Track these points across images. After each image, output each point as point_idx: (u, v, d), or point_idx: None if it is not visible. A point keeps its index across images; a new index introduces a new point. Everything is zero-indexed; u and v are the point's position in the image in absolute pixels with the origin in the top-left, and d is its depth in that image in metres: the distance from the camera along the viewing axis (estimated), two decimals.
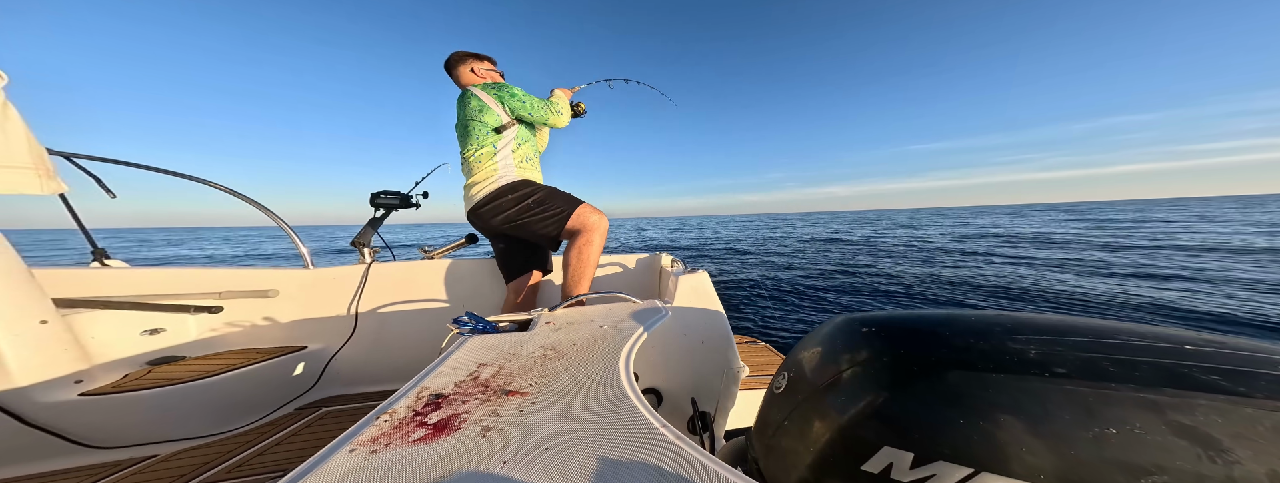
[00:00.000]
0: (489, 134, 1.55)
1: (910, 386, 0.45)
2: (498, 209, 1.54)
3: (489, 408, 0.58)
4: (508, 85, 1.61)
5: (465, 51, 1.70)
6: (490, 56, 1.74)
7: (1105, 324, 0.49)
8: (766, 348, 2.26)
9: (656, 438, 0.49)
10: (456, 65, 1.68)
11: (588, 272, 1.51)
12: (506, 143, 1.58)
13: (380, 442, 0.50)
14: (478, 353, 0.81)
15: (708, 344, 1.15)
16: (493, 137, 1.56)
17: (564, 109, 1.71)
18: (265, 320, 1.68)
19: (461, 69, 1.68)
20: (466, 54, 1.69)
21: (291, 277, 1.72)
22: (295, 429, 1.40)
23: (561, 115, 1.70)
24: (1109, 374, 0.40)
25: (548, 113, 1.64)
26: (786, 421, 0.55)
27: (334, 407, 1.58)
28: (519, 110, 1.58)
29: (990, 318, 0.52)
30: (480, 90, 1.57)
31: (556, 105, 1.68)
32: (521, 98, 1.58)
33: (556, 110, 1.67)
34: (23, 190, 1.05)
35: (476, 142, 1.56)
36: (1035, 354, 0.44)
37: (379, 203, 1.92)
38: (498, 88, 1.58)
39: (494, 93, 1.56)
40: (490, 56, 1.74)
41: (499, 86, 1.59)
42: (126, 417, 1.21)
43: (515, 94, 1.58)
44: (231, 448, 1.27)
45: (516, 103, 1.57)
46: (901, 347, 0.50)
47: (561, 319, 1.03)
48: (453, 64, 1.69)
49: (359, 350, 1.72)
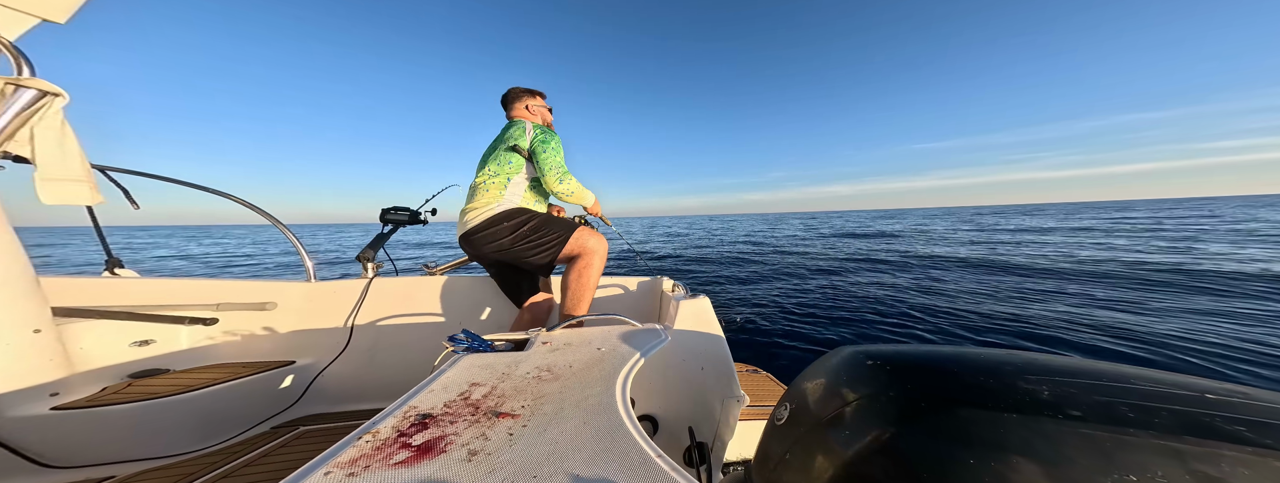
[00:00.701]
0: (512, 159, 1.57)
1: (918, 422, 0.44)
2: (490, 237, 1.52)
3: (478, 430, 0.56)
4: (554, 135, 1.63)
5: (520, 88, 1.77)
6: (542, 92, 1.83)
7: (1119, 369, 0.48)
8: (768, 377, 2.18)
9: (651, 469, 0.47)
10: (512, 102, 1.76)
11: (587, 294, 1.49)
12: (520, 179, 1.59)
13: (359, 464, 0.48)
14: (470, 372, 0.79)
15: (707, 371, 1.12)
16: (516, 162, 1.57)
17: (574, 188, 1.60)
18: (260, 333, 1.66)
19: (517, 106, 1.75)
20: (522, 91, 1.77)
21: (292, 289, 1.71)
22: (268, 450, 1.33)
23: (562, 182, 1.57)
24: (1127, 419, 0.39)
25: (554, 171, 1.56)
26: (788, 454, 0.53)
27: (313, 426, 1.52)
28: (538, 150, 1.56)
29: (1000, 357, 0.51)
30: (531, 126, 1.62)
31: (571, 180, 1.58)
32: (552, 148, 1.57)
33: (570, 190, 1.59)
34: (78, 201, 1.10)
35: (497, 165, 1.57)
36: (1048, 395, 0.43)
37: (388, 218, 1.95)
38: (545, 133, 1.61)
39: (538, 132, 1.60)
40: (542, 92, 1.83)
41: (547, 133, 1.61)
42: (95, 433, 1.16)
43: (547, 143, 1.57)
44: (195, 470, 1.20)
45: (541, 146, 1.56)
46: (909, 382, 0.49)
47: (558, 340, 1.01)
48: (509, 100, 1.77)
49: (349, 367, 1.68)
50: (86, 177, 1.12)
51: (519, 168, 1.58)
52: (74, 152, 1.09)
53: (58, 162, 1.05)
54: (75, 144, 1.09)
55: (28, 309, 1.12)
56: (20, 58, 1.00)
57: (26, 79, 0.98)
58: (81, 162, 1.11)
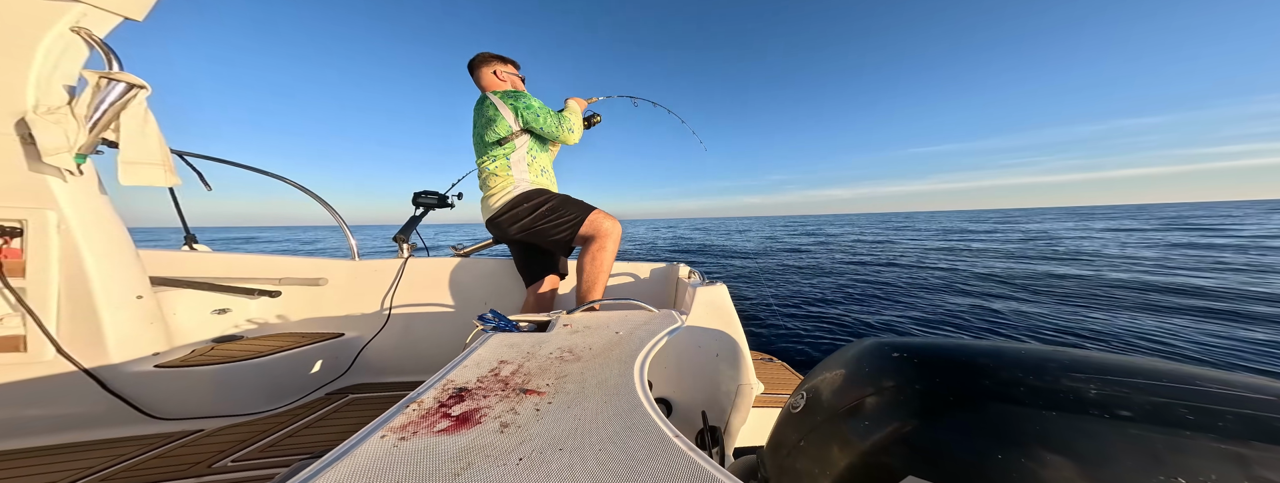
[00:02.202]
0: (500, 147, 1.59)
1: (943, 415, 0.44)
2: (514, 218, 1.58)
3: (508, 404, 0.62)
4: (525, 95, 1.61)
5: (490, 53, 1.70)
6: (514, 60, 1.75)
7: (1181, 369, 0.45)
8: (782, 366, 2.20)
9: (669, 447, 0.49)
10: (480, 66, 1.69)
11: (602, 277, 1.54)
12: (520, 156, 1.61)
13: (408, 430, 0.54)
14: (499, 351, 0.85)
15: (722, 358, 1.14)
16: (506, 148, 1.59)
17: (576, 125, 1.70)
18: (314, 307, 1.83)
19: (484, 70, 1.69)
20: (491, 56, 1.70)
21: (339, 267, 1.86)
22: (324, 414, 1.50)
23: (573, 132, 1.68)
24: (1185, 422, 0.37)
25: (560, 129, 1.63)
26: (803, 441, 0.54)
27: (360, 394, 1.68)
28: (532, 123, 1.59)
29: (1043, 353, 0.49)
30: (498, 98, 1.58)
31: (569, 120, 1.66)
32: (536, 111, 1.59)
33: (568, 126, 1.65)
34: (157, 183, 1.24)
35: (491, 154, 1.60)
36: (1095, 394, 0.41)
37: (420, 202, 2.05)
38: (515, 97, 1.58)
39: (510, 102, 1.57)
40: (514, 60, 1.75)
41: (516, 95, 1.59)
42: (187, 391, 1.33)
43: (531, 106, 1.58)
44: (267, 427, 1.37)
45: (530, 115, 1.58)
46: (936, 376, 0.48)
47: (578, 323, 1.05)
48: (476, 65, 1.70)
49: (388, 341, 1.83)
50: (164, 161, 1.24)
51: (512, 148, 1.60)
52: (154, 137, 1.20)
53: (139, 146, 1.18)
54: (155, 131, 1.21)
55: (131, 277, 1.28)
56: (110, 54, 1.11)
57: (117, 73, 1.09)
58: (161, 147, 1.23)
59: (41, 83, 1.06)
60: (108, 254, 1.22)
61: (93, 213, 1.20)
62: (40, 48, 1.04)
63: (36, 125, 1.03)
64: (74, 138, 1.07)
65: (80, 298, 1.17)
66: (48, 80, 1.07)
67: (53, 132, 1.05)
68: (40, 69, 1.05)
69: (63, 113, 1.06)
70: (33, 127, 1.03)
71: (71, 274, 1.16)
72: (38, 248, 1.11)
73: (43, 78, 1.06)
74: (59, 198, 1.12)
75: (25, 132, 1.05)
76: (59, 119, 1.05)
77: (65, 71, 1.09)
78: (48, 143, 1.04)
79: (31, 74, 1.04)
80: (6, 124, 1.04)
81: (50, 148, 1.05)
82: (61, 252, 1.14)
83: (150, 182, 1.22)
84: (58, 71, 1.08)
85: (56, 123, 1.05)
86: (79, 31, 1.07)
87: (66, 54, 1.08)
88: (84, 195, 1.18)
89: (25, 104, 1.05)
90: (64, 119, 1.06)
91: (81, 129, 1.08)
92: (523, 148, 1.62)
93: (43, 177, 1.10)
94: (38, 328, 1.12)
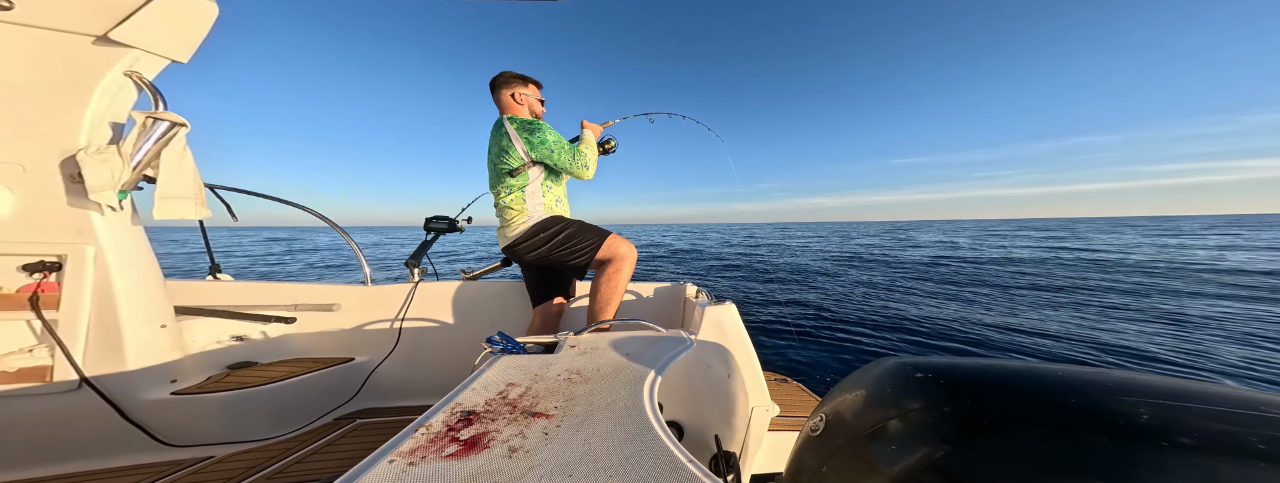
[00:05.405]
0: (513, 178, 1.58)
1: (976, 440, 0.41)
2: (531, 247, 1.60)
3: (516, 428, 0.61)
4: (541, 127, 1.58)
5: (512, 73, 1.66)
6: (537, 81, 1.71)
7: (1249, 394, 0.41)
8: (798, 387, 2.12)
9: (683, 473, 0.48)
10: (500, 88, 1.66)
11: (615, 299, 1.54)
12: (535, 189, 1.62)
13: (417, 455, 0.54)
14: (507, 373, 0.85)
15: (734, 380, 1.12)
16: (519, 180, 1.59)
17: (591, 160, 1.64)
18: (326, 331, 1.85)
19: (503, 93, 1.66)
20: (512, 76, 1.66)
21: (351, 292, 1.90)
22: (332, 439, 1.49)
23: (588, 168, 1.62)
24: (1258, 452, 0.35)
25: (574, 165, 1.59)
26: (825, 467, 0.52)
27: (367, 419, 1.67)
28: (545, 158, 1.57)
29: (1086, 375, 0.46)
30: (514, 128, 1.55)
31: (584, 156, 1.62)
32: (551, 146, 1.56)
33: (583, 163, 1.61)
34: (189, 216, 1.30)
35: (506, 185, 1.61)
36: (1149, 419, 0.38)
37: (431, 227, 2.10)
38: (530, 129, 1.55)
39: (525, 135, 1.55)
40: (537, 81, 1.71)
41: (532, 128, 1.56)
42: (200, 417, 1.34)
43: (545, 142, 1.55)
44: (276, 453, 1.37)
45: (544, 151, 1.55)
46: (967, 397, 0.45)
47: (586, 344, 1.05)
48: (496, 85, 1.68)
49: (397, 365, 1.83)
50: (197, 194, 1.31)
51: (526, 180, 1.60)
52: (190, 172, 1.28)
53: (175, 181, 1.25)
54: (191, 166, 1.28)
55: (157, 308, 1.33)
56: (158, 94, 1.21)
57: (162, 113, 1.18)
58: (195, 181, 1.30)
59: (95, 123, 1.14)
60: (138, 286, 1.27)
61: (128, 246, 1.26)
62: (96, 91, 1.12)
63: (86, 165, 1.10)
64: (119, 176, 1.14)
65: (108, 328, 1.20)
66: (100, 121, 1.15)
67: (101, 170, 1.11)
68: (94, 110, 1.13)
69: (110, 152, 1.13)
70: (83, 166, 1.10)
71: (102, 306, 1.20)
72: (74, 281, 1.16)
73: (96, 118, 1.14)
74: (98, 232, 1.18)
75: (73, 171, 1.12)
76: (107, 158, 1.12)
77: (115, 111, 1.17)
78: (95, 181, 1.11)
79: (87, 116, 1.12)
80: (54, 162, 1.11)
81: (97, 185, 1.11)
82: (95, 284, 1.19)
83: (182, 215, 1.28)
84: (109, 112, 1.16)
85: (104, 162, 1.12)
86: (131, 75, 1.16)
87: (118, 96, 1.16)
88: (121, 229, 1.24)
89: (77, 143, 1.12)
90: (111, 158, 1.13)
91: (126, 167, 1.15)
92: (537, 180, 1.63)
93: (86, 212, 1.16)
94: (65, 358, 1.15)
